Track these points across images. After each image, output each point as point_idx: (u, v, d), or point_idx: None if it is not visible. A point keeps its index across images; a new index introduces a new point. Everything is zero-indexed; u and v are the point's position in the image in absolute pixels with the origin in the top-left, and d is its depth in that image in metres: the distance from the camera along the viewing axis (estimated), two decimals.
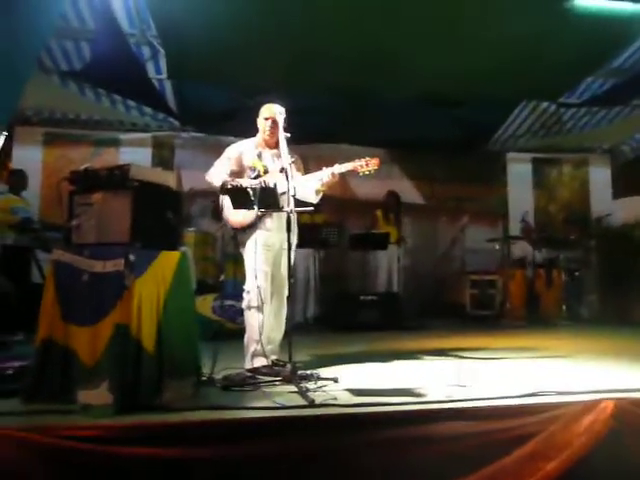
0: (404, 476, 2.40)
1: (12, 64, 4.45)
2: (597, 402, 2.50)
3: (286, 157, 3.16)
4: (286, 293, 3.54)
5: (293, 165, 3.33)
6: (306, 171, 3.74)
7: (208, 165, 3.84)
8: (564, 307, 7.24)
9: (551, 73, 6.29)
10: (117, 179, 2.70)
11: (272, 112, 3.52)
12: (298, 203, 3.23)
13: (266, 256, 3.54)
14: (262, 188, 3.07)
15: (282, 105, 3.57)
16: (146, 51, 6.36)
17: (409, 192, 8.39)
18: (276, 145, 3.48)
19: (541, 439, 2.45)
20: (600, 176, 8.95)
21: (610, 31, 5.53)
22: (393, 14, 5.18)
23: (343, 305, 6.57)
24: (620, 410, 2.46)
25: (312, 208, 3.47)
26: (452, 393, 2.84)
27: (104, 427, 2.23)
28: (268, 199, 3.07)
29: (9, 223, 5.36)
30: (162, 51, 6.13)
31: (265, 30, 5.34)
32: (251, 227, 3.49)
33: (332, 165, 3.46)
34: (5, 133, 6.57)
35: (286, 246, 3.30)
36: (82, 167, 2.78)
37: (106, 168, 2.76)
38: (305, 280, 6.94)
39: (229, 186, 3.18)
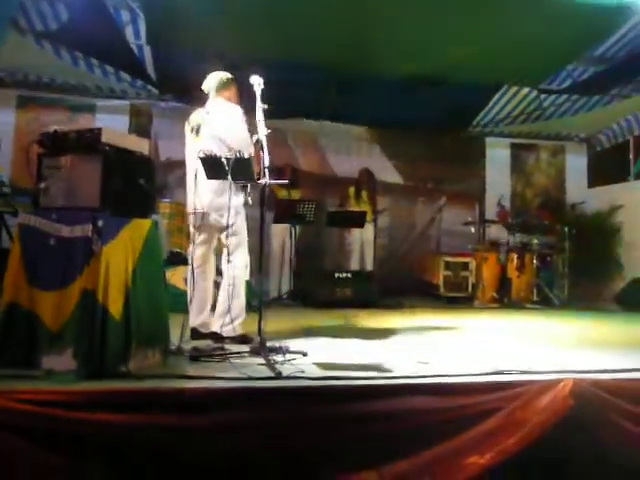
0: (367, 448, 2.45)
1: None
2: (557, 381, 2.57)
3: (262, 128, 3.12)
4: None
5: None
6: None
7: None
8: (535, 291, 7.36)
9: (533, 59, 6.30)
10: (87, 142, 2.64)
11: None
12: None
13: None
14: (236, 159, 3.03)
15: (265, 77, 3.50)
16: (125, 15, 6.16)
17: (389, 171, 8.40)
18: None
19: (502, 415, 2.51)
20: (576, 164, 9.05)
21: (593, 19, 5.55)
22: None
23: (318, 281, 6.58)
24: (579, 389, 2.53)
25: (286, 181, 3.45)
26: (419, 369, 2.88)
27: (66, 392, 2.22)
28: (242, 170, 3.03)
29: None
30: (141, 15, 5.96)
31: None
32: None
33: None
34: None
35: None
36: (51, 129, 2.71)
37: (76, 131, 2.69)
38: (280, 255, 6.93)
39: (202, 155, 3.13)
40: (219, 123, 3.56)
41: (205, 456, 2.29)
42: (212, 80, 3.76)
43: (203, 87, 3.77)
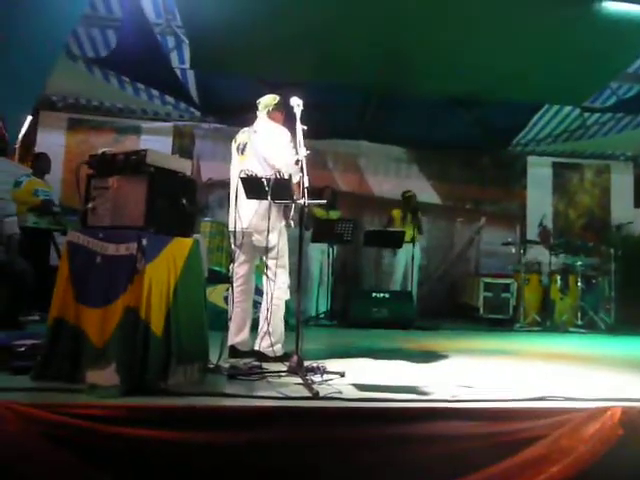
0: (406, 473, 2.40)
1: (39, 50, 4.52)
2: (605, 409, 2.46)
3: (302, 149, 3.16)
4: None
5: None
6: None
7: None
8: (579, 314, 7.14)
9: (575, 77, 6.21)
10: (133, 164, 2.73)
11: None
12: None
13: None
14: (276, 180, 3.07)
15: (303, 99, 3.54)
16: (171, 41, 6.42)
17: (427, 192, 8.36)
18: None
19: (547, 443, 2.42)
20: (622, 183, 8.81)
21: (636, 36, 5.43)
22: (416, 15, 5.16)
23: (355, 301, 6.56)
24: (628, 418, 2.42)
25: (325, 201, 3.48)
26: (459, 393, 2.82)
27: (110, 407, 2.26)
28: (281, 191, 3.07)
29: (31, 205, 5.44)
30: (186, 41, 6.17)
31: (289, 24, 5.35)
32: None
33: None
34: (30, 117, 6.70)
35: None
36: (100, 151, 2.81)
37: (123, 153, 2.78)
38: (318, 275, 6.94)
39: (243, 175, 3.19)
40: (265, 144, 3.60)
41: (239, 474, 2.29)
42: (266, 100, 3.83)
43: (258, 103, 3.84)
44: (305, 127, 3.25)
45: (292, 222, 3.60)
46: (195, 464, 2.24)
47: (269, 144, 3.57)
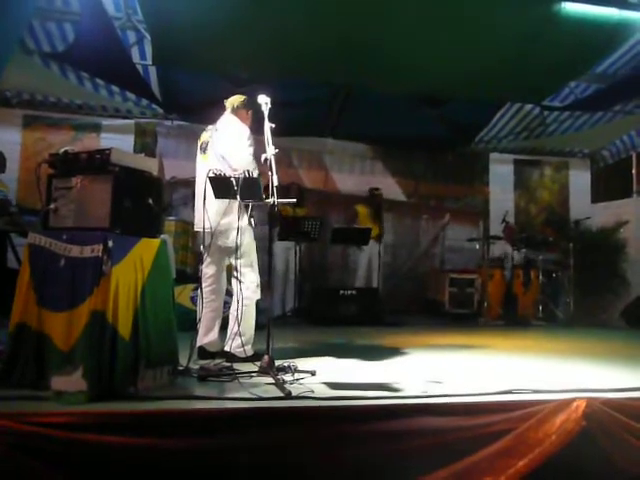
0: (378, 469, 2.42)
1: None
2: (569, 401, 2.54)
3: (271, 148, 3.13)
4: None
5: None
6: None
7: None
8: (540, 308, 7.33)
9: (536, 76, 6.34)
10: (98, 163, 2.65)
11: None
12: None
13: None
14: (245, 179, 3.03)
15: (268, 96, 3.51)
16: (131, 36, 6.25)
17: (392, 189, 8.41)
18: None
19: (514, 436, 2.48)
20: (580, 180, 9.08)
21: (596, 37, 5.59)
22: (380, 12, 5.18)
23: (322, 299, 6.57)
24: (592, 409, 2.50)
25: (294, 200, 3.47)
26: (428, 389, 2.86)
27: (77, 414, 2.20)
28: (250, 190, 3.04)
29: None
30: (147, 36, 6.03)
31: (252, 19, 5.29)
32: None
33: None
34: None
35: None
36: (62, 150, 2.72)
37: (87, 152, 2.70)
38: (284, 273, 6.92)
39: (212, 174, 3.14)
40: (223, 142, 3.57)
41: (213, 477, 2.27)
42: (234, 99, 3.81)
43: (225, 103, 3.82)
44: (273, 125, 3.22)
45: (253, 220, 3.55)
46: (168, 470, 2.20)
47: (227, 142, 3.53)
